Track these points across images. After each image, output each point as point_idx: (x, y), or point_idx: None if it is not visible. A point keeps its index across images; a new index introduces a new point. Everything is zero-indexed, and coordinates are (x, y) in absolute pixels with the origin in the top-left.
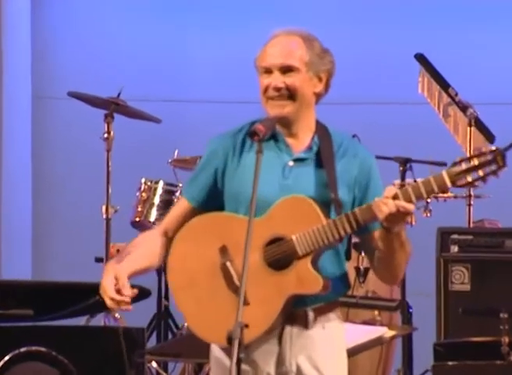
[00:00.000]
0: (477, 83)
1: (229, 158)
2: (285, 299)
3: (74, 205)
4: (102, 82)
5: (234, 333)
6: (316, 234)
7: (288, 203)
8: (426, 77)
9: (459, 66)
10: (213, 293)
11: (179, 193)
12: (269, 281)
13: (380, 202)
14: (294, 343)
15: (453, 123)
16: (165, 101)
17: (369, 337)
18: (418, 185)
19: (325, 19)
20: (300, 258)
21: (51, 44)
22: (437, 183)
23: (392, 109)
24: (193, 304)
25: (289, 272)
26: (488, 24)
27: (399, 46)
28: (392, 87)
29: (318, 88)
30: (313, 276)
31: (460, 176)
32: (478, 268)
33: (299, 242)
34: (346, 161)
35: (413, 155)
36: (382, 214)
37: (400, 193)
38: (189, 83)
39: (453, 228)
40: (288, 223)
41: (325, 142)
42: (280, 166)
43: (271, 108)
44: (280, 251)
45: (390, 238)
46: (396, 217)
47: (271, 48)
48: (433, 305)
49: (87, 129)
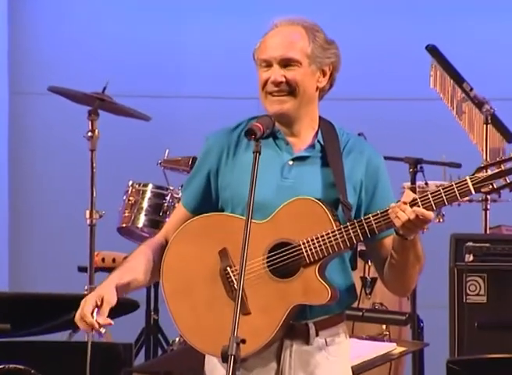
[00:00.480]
0: (493, 77)
1: (224, 158)
2: (289, 309)
3: (55, 210)
4: (86, 76)
5: (229, 349)
6: (326, 240)
7: (296, 205)
8: (438, 71)
9: (474, 59)
10: (211, 300)
11: (170, 197)
12: (273, 289)
13: (397, 208)
14: (294, 359)
15: (467, 120)
16: (155, 96)
17: (376, 353)
18: (440, 191)
19: (330, 11)
20: (307, 265)
21: (30, 37)
22: (460, 190)
23: (401, 106)
24: (189, 311)
25: (294, 280)
26: (504, 16)
27: (409, 38)
28: (401, 82)
29: (322, 83)
30: (320, 285)
31: (484, 183)
32: (494, 278)
33: (307, 248)
34: (351, 160)
35: (424, 155)
36: (398, 221)
37: (419, 199)
38: (180, 77)
39: (468, 235)
40: (295, 227)
41: (331, 140)
42: (279, 165)
43: (270, 104)
44: (286, 257)
45: (405, 247)
46: (413, 225)
47: (270, 39)
48: (446, 318)
49: (69, 127)
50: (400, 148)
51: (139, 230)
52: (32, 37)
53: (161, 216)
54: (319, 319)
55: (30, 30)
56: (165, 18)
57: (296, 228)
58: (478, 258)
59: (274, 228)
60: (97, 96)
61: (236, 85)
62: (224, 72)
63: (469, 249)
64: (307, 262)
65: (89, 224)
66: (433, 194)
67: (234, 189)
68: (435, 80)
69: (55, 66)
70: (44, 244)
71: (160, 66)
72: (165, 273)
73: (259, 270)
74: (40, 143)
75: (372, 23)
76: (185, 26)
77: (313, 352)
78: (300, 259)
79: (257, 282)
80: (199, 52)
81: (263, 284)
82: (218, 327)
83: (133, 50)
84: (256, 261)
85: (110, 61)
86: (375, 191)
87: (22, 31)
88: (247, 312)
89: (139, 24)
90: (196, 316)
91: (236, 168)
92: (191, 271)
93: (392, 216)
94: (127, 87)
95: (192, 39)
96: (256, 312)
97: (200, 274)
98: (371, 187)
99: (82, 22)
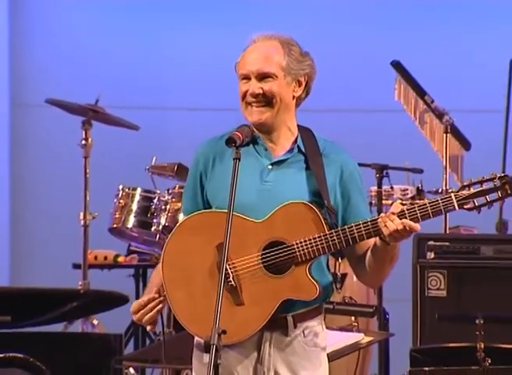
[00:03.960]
0: (453, 90)
1: (210, 165)
2: (279, 302)
3: (52, 212)
4: (80, 89)
5: (211, 339)
6: (318, 242)
7: (290, 208)
8: (402, 84)
9: (436, 73)
10: (207, 290)
11: (157, 200)
12: (265, 284)
13: (387, 218)
14: (273, 349)
15: (429, 130)
16: (143, 108)
17: (346, 342)
18: (426, 205)
19: (302, 26)
20: (298, 264)
21: (29, 52)
22: (444, 206)
23: (368, 116)
24: (186, 298)
25: (286, 276)
26: (464, 33)
27: (376, 54)
28: (368, 95)
29: (298, 92)
30: (310, 283)
31: (467, 200)
32: (454, 274)
33: (299, 248)
34: (328, 165)
35: (389, 161)
36: (386, 230)
37: (407, 211)
38: (166, 90)
39: (430, 235)
40: (289, 228)
41: (311, 145)
42: (259, 170)
43: (249, 115)
44: (279, 256)
45: (386, 250)
46: (399, 234)
47: (248, 55)
48: (410, 310)
49: (64, 136)
50: (367, 155)
51: (129, 230)
52: (31, 53)
53: (149, 218)
54: (298, 312)
55: (29, 46)
56: (153, 34)
57: (290, 229)
58: (438, 255)
59: (269, 228)
60: (91, 107)
61: (217, 97)
62: (206, 85)
63: (430, 247)
64: (299, 261)
65: (83, 225)
66: (420, 207)
67: (219, 193)
68: (400, 93)
69: (52, 79)
70: (42, 244)
71: (148, 79)
72: (165, 262)
73: (254, 266)
74: (38, 151)
75: (342, 41)
76: (171, 41)
77: (291, 342)
78: (292, 258)
79: (252, 276)
80: (184, 67)
81: (257, 279)
82: (212, 314)
83: (124, 65)
84: (251, 257)
85: (102, 75)
86: (351, 194)
87: (22, 48)
88: (240, 303)
89: (129, 41)
90: (193, 302)
91: (221, 174)
92: (190, 261)
93: (381, 225)
94: (118, 100)
95: (178, 54)
96: (249, 304)
97: (199, 265)
98: (347, 192)
99: (77, 39)
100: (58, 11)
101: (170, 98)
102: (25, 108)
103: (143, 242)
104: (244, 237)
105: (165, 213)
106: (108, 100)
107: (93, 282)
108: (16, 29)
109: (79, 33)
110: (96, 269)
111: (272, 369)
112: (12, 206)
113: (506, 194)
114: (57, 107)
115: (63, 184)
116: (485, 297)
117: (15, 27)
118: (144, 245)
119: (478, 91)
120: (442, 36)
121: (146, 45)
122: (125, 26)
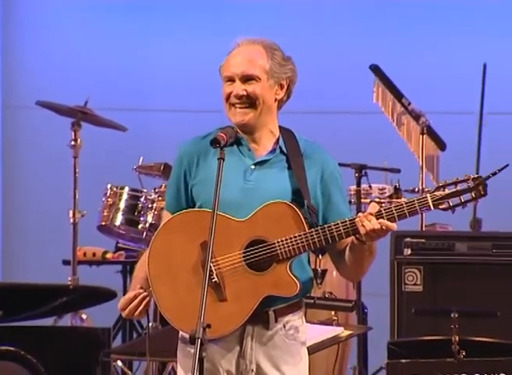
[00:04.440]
0: (429, 93)
1: (194, 164)
2: (260, 299)
3: (43, 210)
4: (70, 91)
5: (196, 333)
6: (298, 241)
7: (272, 207)
8: (380, 87)
9: (412, 76)
10: (192, 286)
11: (144, 198)
12: (247, 281)
13: (364, 218)
14: (255, 343)
15: (406, 131)
16: (131, 109)
17: (326, 336)
18: (402, 205)
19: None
20: (279, 261)
21: (20, 55)
22: (420, 206)
23: (348, 118)
24: (171, 293)
25: (267, 273)
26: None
27: (355, 57)
28: (348, 97)
29: (280, 95)
30: (290, 280)
31: (442, 201)
32: (429, 270)
33: (281, 246)
34: (309, 165)
35: (368, 161)
36: (363, 229)
37: (384, 211)
38: (153, 93)
39: (407, 232)
40: (271, 227)
41: (292, 146)
42: (242, 169)
43: (233, 116)
44: (261, 253)
45: (362, 248)
46: (376, 234)
47: (233, 58)
48: (387, 305)
49: (54, 137)
50: (347, 155)
51: (116, 227)
52: (22, 56)
53: (136, 216)
54: (279, 307)
55: (19, 49)
56: (139, 38)
57: (272, 228)
58: (415, 252)
59: (251, 227)
60: (80, 109)
61: (201, 99)
62: (191, 88)
63: (407, 244)
64: (280, 258)
65: (72, 223)
66: (396, 208)
67: (203, 191)
68: (378, 96)
69: (42, 82)
70: (33, 241)
71: (135, 82)
72: (150, 258)
73: (236, 263)
74: (28, 151)
75: (322, 44)
76: (158, 45)
77: (272, 336)
78: (273, 256)
79: (234, 273)
80: (170, 70)
81: (239, 276)
82: (196, 310)
83: (112, 68)
84: (234, 254)
85: (91, 78)
86: (331, 193)
87: (13, 51)
88: (223, 299)
89: (117, 44)
90: (177, 298)
91: (204, 172)
92: (175, 259)
93: (359, 225)
94: (106, 102)
95: (164, 58)
96: (231, 300)
97: (184, 262)
98: (327, 191)
99: (67, 42)
100: (48, 14)
101: (157, 100)
102: (16, 109)
103: (130, 239)
104: (227, 235)
105: (152, 211)
106: (96, 102)
107: (82, 278)
108: (7, 32)
109: (68, 36)
110: (85, 265)
111: (254, 363)
112: (3, 205)
113: (479, 194)
114: (47, 109)
115: (53, 183)
116: (459, 292)
117: (5, 31)
118: (131, 242)
119: (454, 93)
120: (418, 39)
121: (133, 49)
122: (112, 30)
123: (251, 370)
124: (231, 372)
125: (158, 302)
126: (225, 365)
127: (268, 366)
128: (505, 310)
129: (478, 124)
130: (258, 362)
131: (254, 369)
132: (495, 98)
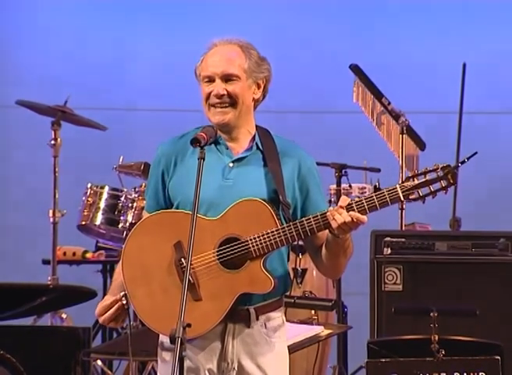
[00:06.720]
0: (409, 92)
1: (172, 163)
2: (235, 297)
3: (23, 209)
4: (49, 91)
5: (176, 332)
6: (271, 237)
7: (244, 205)
8: (360, 87)
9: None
10: (167, 287)
11: (124, 197)
12: (222, 279)
13: (335, 211)
14: (236, 340)
15: (386, 130)
16: (110, 109)
17: (306, 335)
18: (373, 197)
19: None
20: (253, 259)
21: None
22: (390, 197)
23: (328, 117)
24: (146, 295)
25: (241, 271)
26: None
27: (335, 56)
28: (328, 97)
29: (257, 94)
30: (265, 277)
31: (412, 191)
32: (409, 269)
33: (253, 244)
34: (286, 163)
35: (348, 161)
36: (335, 223)
37: (355, 204)
38: (132, 92)
39: (386, 231)
40: (243, 225)
41: (268, 144)
42: (221, 168)
43: (212, 116)
44: (234, 251)
45: (337, 243)
46: (348, 227)
47: (211, 58)
48: (367, 304)
49: (34, 136)
50: (327, 154)
51: (97, 227)
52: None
53: (117, 215)
54: (259, 304)
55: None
56: (118, 37)
57: (244, 225)
58: (394, 251)
59: (224, 225)
60: (60, 109)
61: (181, 99)
62: (170, 87)
63: (387, 243)
64: (254, 256)
65: (52, 222)
66: (367, 200)
67: (181, 190)
68: (358, 95)
69: (21, 82)
70: (13, 240)
71: (115, 81)
72: (124, 261)
73: (210, 262)
74: (9, 150)
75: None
76: (137, 44)
77: (253, 334)
78: (247, 253)
79: (209, 272)
80: (149, 70)
81: (213, 275)
82: (172, 311)
83: (91, 67)
84: (208, 253)
85: (71, 77)
86: (309, 189)
87: None
88: (198, 298)
89: (96, 44)
90: (153, 300)
91: (183, 172)
92: (149, 260)
93: (330, 218)
94: (86, 101)
95: (143, 57)
96: (206, 299)
97: (158, 264)
98: (305, 187)
99: (47, 42)
100: (26, 14)
101: (136, 100)
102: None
103: (110, 239)
104: (201, 235)
105: (132, 211)
106: (76, 101)
107: (62, 277)
108: None
109: (48, 35)
110: (65, 264)
111: (235, 361)
112: None
113: (449, 183)
114: (27, 108)
115: (33, 182)
116: (439, 291)
117: None
118: (111, 242)
119: (433, 93)
120: (398, 39)
121: (112, 48)
122: (92, 29)
123: (233, 368)
124: (212, 370)
125: (134, 305)
126: (207, 363)
127: (250, 364)
128: (484, 309)
129: (457, 123)
130: (240, 360)
131: (236, 366)
132: (474, 97)
